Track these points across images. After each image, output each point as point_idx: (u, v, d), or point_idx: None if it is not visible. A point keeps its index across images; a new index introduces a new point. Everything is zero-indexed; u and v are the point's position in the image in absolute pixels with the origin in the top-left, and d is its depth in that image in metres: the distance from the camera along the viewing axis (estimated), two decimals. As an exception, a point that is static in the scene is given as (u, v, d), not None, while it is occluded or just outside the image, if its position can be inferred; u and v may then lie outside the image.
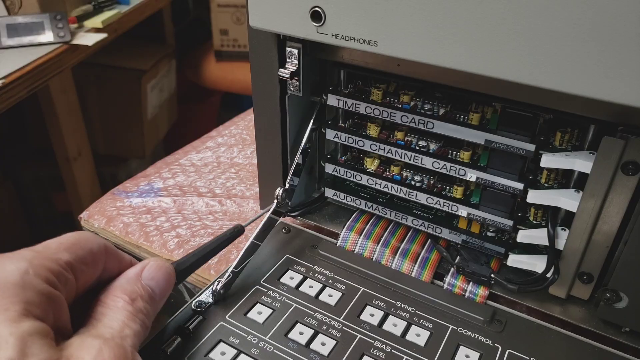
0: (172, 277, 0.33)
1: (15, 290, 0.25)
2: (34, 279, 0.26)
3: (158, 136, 1.55)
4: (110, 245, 0.32)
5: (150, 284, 0.31)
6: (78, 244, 0.30)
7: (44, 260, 0.27)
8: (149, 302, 0.30)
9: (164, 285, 0.32)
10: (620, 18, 0.25)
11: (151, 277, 0.31)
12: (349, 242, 0.43)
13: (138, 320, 0.29)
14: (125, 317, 0.29)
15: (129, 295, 0.30)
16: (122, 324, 0.28)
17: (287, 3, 0.34)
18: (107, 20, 1.06)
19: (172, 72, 1.55)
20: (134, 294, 0.30)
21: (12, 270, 0.26)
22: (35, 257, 0.27)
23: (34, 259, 0.27)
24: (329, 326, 0.36)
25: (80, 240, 0.30)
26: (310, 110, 0.44)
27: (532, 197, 0.36)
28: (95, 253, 0.30)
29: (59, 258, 0.28)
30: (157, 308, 0.32)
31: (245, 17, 0.38)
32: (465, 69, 0.30)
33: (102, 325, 0.28)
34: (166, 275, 0.32)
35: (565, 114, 0.33)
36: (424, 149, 0.40)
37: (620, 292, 0.35)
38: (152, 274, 0.32)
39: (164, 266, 0.32)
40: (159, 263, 0.32)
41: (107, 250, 0.31)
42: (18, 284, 0.25)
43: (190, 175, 0.58)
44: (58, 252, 0.28)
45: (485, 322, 0.36)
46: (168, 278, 0.32)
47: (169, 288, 0.32)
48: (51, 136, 1.15)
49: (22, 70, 0.86)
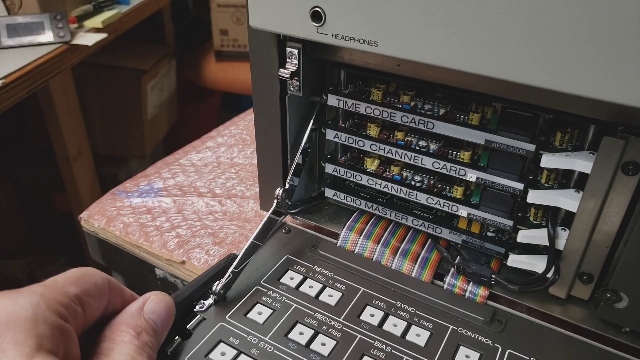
0: (172, 309, 0.33)
1: (29, 325, 0.25)
2: (46, 312, 0.26)
3: (158, 136, 1.55)
4: (113, 280, 0.32)
5: (153, 317, 0.32)
6: (84, 278, 0.30)
7: (55, 294, 0.28)
8: (152, 336, 0.31)
9: (166, 318, 0.32)
10: (620, 18, 0.25)
11: (153, 311, 0.32)
12: (349, 242, 0.43)
13: (145, 354, 0.29)
14: (133, 351, 0.29)
15: (134, 330, 0.30)
16: (130, 357, 0.29)
17: (287, 3, 0.34)
18: (107, 20, 1.06)
19: (172, 72, 1.55)
20: (139, 328, 0.30)
21: (24, 304, 0.26)
22: (46, 290, 0.27)
23: (45, 293, 0.27)
24: (329, 326, 0.36)
25: (85, 275, 0.30)
26: (310, 110, 0.44)
27: (532, 197, 0.36)
28: (100, 286, 0.31)
29: (67, 291, 0.28)
30: (160, 341, 0.32)
31: (245, 17, 0.38)
32: (465, 69, 0.30)
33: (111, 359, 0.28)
34: (167, 308, 0.33)
35: (565, 114, 0.33)
36: (424, 149, 0.40)
37: (620, 292, 0.35)
38: (153, 308, 0.32)
39: (164, 299, 0.33)
40: (159, 297, 0.33)
41: (110, 284, 0.32)
42: (31, 318, 0.26)
43: (190, 175, 0.58)
44: (66, 286, 0.29)
45: (486, 322, 0.36)
46: (169, 311, 0.33)
47: (170, 321, 0.33)
48: (51, 136, 1.15)
49: (22, 70, 0.86)
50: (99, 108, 1.40)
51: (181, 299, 0.36)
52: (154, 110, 1.47)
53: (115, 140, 1.46)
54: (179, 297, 0.35)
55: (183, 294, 0.36)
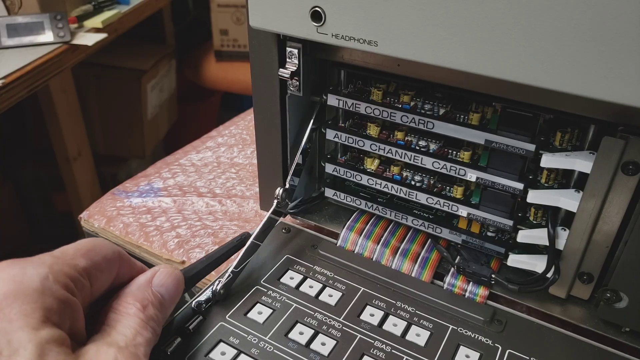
0: (181, 283, 0.33)
1: (36, 296, 0.26)
2: (53, 285, 0.26)
3: (158, 136, 1.55)
4: (124, 252, 0.32)
5: (161, 290, 0.32)
6: (94, 250, 0.30)
7: (63, 266, 0.28)
8: (159, 309, 0.31)
9: (174, 291, 0.32)
10: (620, 18, 0.25)
11: (161, 284, 0.32)
12: (349, 242, 0.43)
13: (149, 328, 0.29)
14: (138, 325, 0.29)
15: (141, 302, 0.30)
16: (134, 331, 0.29)
17: (287, 3, 0.34)
18: (107, 20, 1.06)
19: (172, 72, 1.55)
20: (145, 301, 0.30)
21: (33, 275, 0.26)
22: (55, 262, 0.28)
23: (53, 265, 0.27)
24: (329, 326, 0.36)
25: (95, 247, 0.30)
26: (310, 110, 0.44)
27: (532, 197, 0.36)
28: (110, 259, 0.31)
29: (76, 264, 0.29)
30: (167, 314, 0.32)
31: (245, 17, 0.38)
32: (465, 69, 0.30)
33: (116, 332, 0.28)
34: (176, 282, 0.33)
35: (565, 114, 0.33)
36: (424, 149, 0.40)
37: (620, 292, 0.35)
38: (162, 281, 0.32)
39: (174, 273, 0.33)
40: (168, 270, 0.33)
41: (120, 257, 0.32)
42: (39, 290, 0.26)
43: (190, 175, 0.58)
44: (75, 258, 0.29)
45: (485, 322, 0.36)
46: (177, 284, 0.33)
47: (178, 294, 0.33)
48: (51, 136, 1.15)
49: (22, 70, 0.86)
50: (99, 108, 1.40)
51: (191, 274, 0.35)
52: (154, 110, 1.47)
53: (115, 140, 1.46)
54: (188, 272, 0.35)
55: (193, 269, 0.36)
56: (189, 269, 0.36)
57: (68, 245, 0.30)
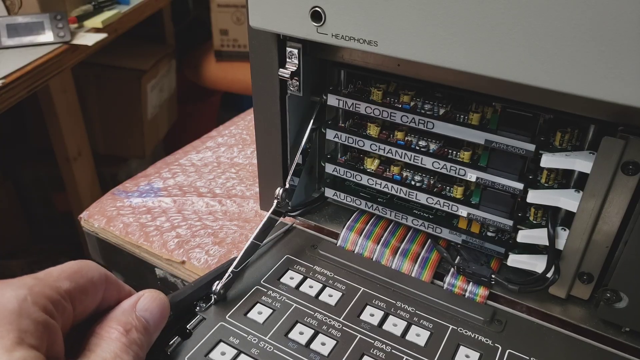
0: (166, 308, 0.33)
1: (12, 318, 0.25)
2: (31, 307, 0.26)
3: (158, 136, 1.55)
4: (111, 275, 0.32)
5: (145, 315, 0.31)
6: (80, 272, 0.30)
7: (44, 288, 0.27)
8: (142, 334, 0.31)
9: (158, 316, 0.32)
10: (620, 18, 0.25)
11: (145, 309, 0.32)
12: (349, 242, 0.43)
13: (131, 352, 0.29)
14: (119, 349, 0.29)
15: (123, 327, 0.30)
16: (114, 355, 0.28)
17: (287, 3, 0.34)
18: (107, 20, 1.06)
19: (172, 72, 1.55)
20: (129, 325, 0.30)
21: (10, 297, 0.26)
22: (36, 284, 0.27)
23: (34, 287, 0.27)
24: (329, 326, 0.36)
25: (82, 269, 0.30)
26: (310, 110, 0.44)
27: (532, 197, 0.36)
28: (96, 282, 0.30)
29: (59, 286, 0.28)
30: (152, 340, 0.32)
31: (245, 17, 0.38)
32: (465, 69, 0.30)
33: (95, 355, 0.28)
34: (160, 307, 0.32)
35: (565, 114, 0.33)
36: (424, 149, 0.40)
37: (620, 292, 0.35)
38: (146, 305, 0.32)
39: (159, 297, 0.33)
40: (153, 295, 0.33)
41: (107, 280, 0.31)
42: (15, 312, 0.25)
43: (190, 175, 0.58)
44: (59, 280, 0.29)
45: (485, 322, 0.36)
46: (162, 309, 0.32)
47: (163, 320, 0.33)
48: (51, 136, 1.15)
49: (22, 70, 0.86)
50: (99, 108, 1.40)
51: (178, 299, 0.35)
52: (154, 110, 1.47)
53: (115, 140, 1.46)
54: (176, 298, 0.35)
55: (180, 295, 0.36)
56: (176, 295, 0.36)
57: (54, 267, 0.29)
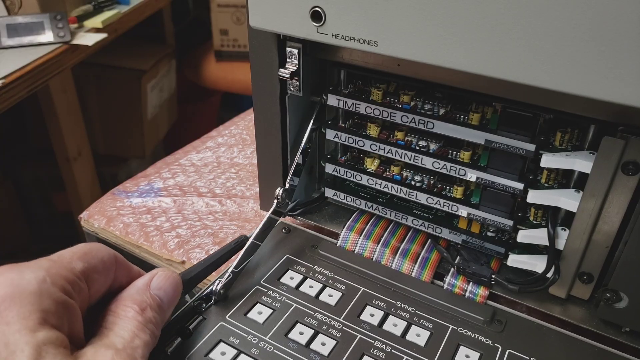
0: (179, 286, 0.33)
1: (34, 299, 0.26)
2: (51, 288, 0.27)
3: (158, 136, 1.55)
4: (120, 256, 0.32)
5: (159, 293, 0.32)
6: (90, 253, 0.30)
7: (61, 269, 0.28)
8: (157, 312, 0.31)
9: (172, 294, 0.33)
10: (620, 18, 0.25)
11: (159, 287, 0.32)
12: (349, 242, 0.43)
13: (148, 331, 0.30)
14: (136, 327, 0.29)
15: (139, 305, 0.30)
16: (132, 334, 0.29)
17: (287, 3, 0.34)
18: (107, 20, 1.06)
19: (172, 72, 1.55)
20: (144, 304, 0.31)
21: (30, 279, 0.26)
22: (52, 266, 0.28)
23: (51, 268, 0.28)
24: (329, 326, 0.36)
25: (92, 250, 0.31)
26: (310, 110, 0.44)
27: (532, 197, 0.36)
28: (106, 262, 0.31)
29: (73, 267, 0.29)
30: (165, 317, 0.32)
31: (245, 17, 0.38)
32: (465, 69, 0.30)
33: (114, 334, 0.28)
34: (174, 285, 0.33)
35: (565, 114, 0.33)
36: (424, 149, 0.40)
37: (620, 292, 0.35)
38: (160, 284, 0.32)
39: (172, 276, 0.33)
40: (166, 273, 0.33)
41: (117, 260, 0.32)
42: (36, 293, 0.26)
43: (190, 175, 0.58)
44: (72, 261, 0.29)
45: (485, 322, 0.36)
46: (175, 287, 0.33)
47: (176, 298, 0.33)
48: (51, 136, 1.15)
49: (22, 70, 0.86)
50: (99, 108, 1.40)
51: (189, 277, 0.36)
52: (154, 110, 1.47)
53: (115, 140, 1.46)
54: (186, 275, 0.36)
55: (191, 272, 0.36)
56: (187, 272, 0.36)
57: (65, 250, 0.30)
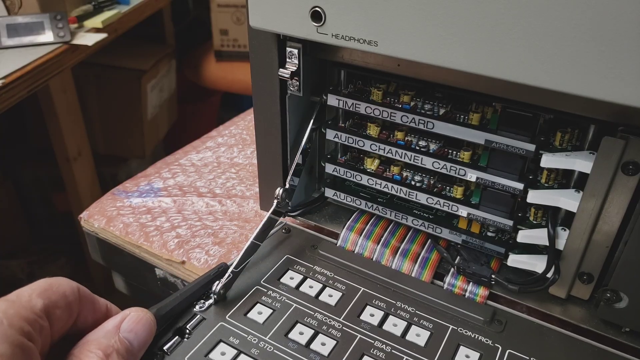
0: (152, 327, 0.32)
1: None
2: (8, 331, 0.25)
3: (158, 136, 1.55)
4: (84, 289, 0.31)
5: (129, 336, 0.30)
6: (51, 289, 0.29)
7: (19, 309, 0.26)
8: (124, 357, 0.30)
9: (144, 338, 0.31)
10: (620, 18, 0.25)
11: (130, 330, 0.31)
12: (349, 242, 0.43)
13: None
14: None
15: (104, 351, 0.29)
16: None
17: (287, 3, 0.34)
18: (107, 20, 1.06)
19: (172, 72, 1.55)
20: (109, 349, 0.29)
21: None
22: (10, 306, 0.26)
23: (8, 309, 0.26)
24: (329, 326, 0.36)
25: (52, 285, 0.29)
26: (310, 110, 0.44)
27: (532, 197, 0.36)
28: (69, 296, 0.29)
29: (33, 305, 0.27)
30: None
31: (245, 17, 0.38)
32: (466, 69, 0.30)
33: None
34: (146, 327, 0.32)
35: (565, 114, 0.33)
36: (424, 149, 0.40)
37: (620, 292, 0.35)
38: (131, 326, 0.31)
39: (144, 318, 0.32)
40: (139, 314, 0.32)
41: (80, 294, 0.30)
42: None
43: (190, 175, 0.58)
44: (32, 299, 0.28)
45: (486, 322, 0.36)
46: (149, 329, 0.32)
47: (148, 340, 0.32)
48: (51, 136, 1.15)
49: (22, 70, 0.86)
50: (99, 108, 1.40)
51: (163, 312, 0.34)
52: (154, 110, 1.47)
53: (115, 140, 1.46)
54: (161, 311, 0.34)
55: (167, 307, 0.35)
56: (161, 307, 0.34)
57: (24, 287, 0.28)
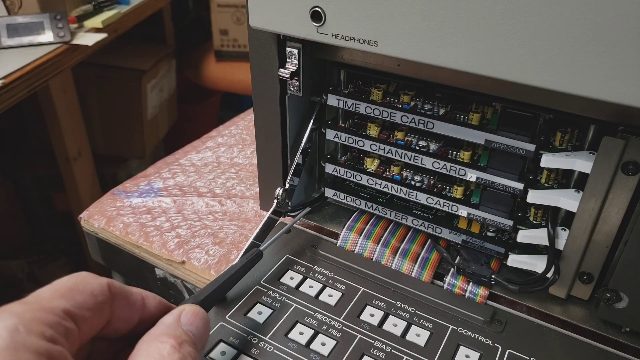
0: (208, 323, 0.30)
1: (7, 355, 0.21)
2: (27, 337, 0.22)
3: (158, 136, 1.55)
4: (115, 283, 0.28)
5: (191, 329, 0.29)
6: (76, 289, 0.26)
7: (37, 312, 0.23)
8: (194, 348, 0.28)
9: (203, 332, 0.30)
10: (620, 18, 0.25)
11: (190, 323, 0.29)
12: (349, 242, 0.43)
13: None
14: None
15: (176, 340, 0.27)
16: None
17: (287, 3, 0.34)
18: (107, 20, 1.06)
19: (172, 72, 1.55)
20: (179, 339, 0.27)
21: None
22: (26, 310, 0.23)
23: (24, 314, 0.23)
24: (329, 326, 0.36)
25: (77, 284, 0.26)
26: (310, 110, 0.44)
27: (532, 197, 0.36)
28: (97, 296, 0.27)
29: (54, 307, 0.24)
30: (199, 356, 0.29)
31: (245, 17, 0.38)
32: (465, 69, 0.30)
33: None
34: (205, 321, 0.30)
35: (565, 114, 0.33)
36: (424, 149, 0.40)
37: (620, 292, 0.35)
38: (190, 320, 0.29)
39: (200, 312, 0.30)
40: (195, 310, 0.30)
41: (111, 290, 0.28)
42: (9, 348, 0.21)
43: (190, 175, 0.58)
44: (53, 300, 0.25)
45: (485, 322, 0.36)
46: (205, 324, 0.30)
47: (207, 334, 0.30)
48: (51, 136, 1.15)
49: (22, 70, 0.86)
50: (99, 108, 1.40)
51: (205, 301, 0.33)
52: (154, 110, 1.47)
53: (115, 140, 1.46)
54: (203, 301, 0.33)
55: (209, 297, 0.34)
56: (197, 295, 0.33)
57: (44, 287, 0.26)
